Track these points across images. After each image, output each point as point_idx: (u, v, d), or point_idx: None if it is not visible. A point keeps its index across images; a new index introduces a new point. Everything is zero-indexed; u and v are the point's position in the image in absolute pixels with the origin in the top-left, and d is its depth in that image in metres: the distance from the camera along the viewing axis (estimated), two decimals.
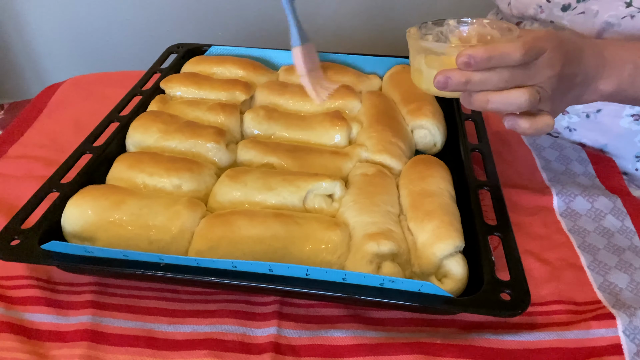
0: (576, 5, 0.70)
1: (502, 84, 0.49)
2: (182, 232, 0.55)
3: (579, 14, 0.70)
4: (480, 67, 0.48)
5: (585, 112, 0.77)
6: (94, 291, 0.57)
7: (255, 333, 0.53)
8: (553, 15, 0.74)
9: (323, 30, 1.78)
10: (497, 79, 0.48)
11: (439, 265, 0.53)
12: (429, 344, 0.51)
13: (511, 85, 0.49)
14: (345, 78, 0.81)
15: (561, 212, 0.66)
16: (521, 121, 0.52)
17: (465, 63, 0.48)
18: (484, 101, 0.50)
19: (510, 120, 0.53)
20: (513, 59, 0.47)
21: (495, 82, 0.49)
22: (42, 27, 1.87)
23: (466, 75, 0.49)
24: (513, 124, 0.53)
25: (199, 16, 1.81)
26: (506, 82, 0.49)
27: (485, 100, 0.50)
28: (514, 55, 0.47)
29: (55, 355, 0.51)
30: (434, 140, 0.72)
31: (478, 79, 0.48)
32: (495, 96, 0.49)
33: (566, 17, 0.72)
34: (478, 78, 0.48)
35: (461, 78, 0.49)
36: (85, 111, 0.87)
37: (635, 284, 0.56)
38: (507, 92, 0.49)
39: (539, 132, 0.52)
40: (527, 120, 0.52)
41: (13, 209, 0.59)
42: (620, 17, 0.66)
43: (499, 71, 0.48)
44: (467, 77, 0.49)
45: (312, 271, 0.48)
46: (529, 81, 0.49)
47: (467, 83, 0.49)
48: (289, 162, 0.66)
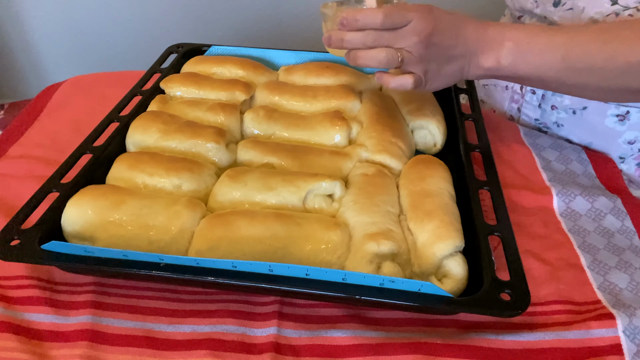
0: (565, 1, 0.72)
1: (369, 42, 0.59)
2: (182, 232, 0.55)
3: (567, 10, 0.71)
4: (352, 27, 0.58)
5: (572, 108, 0.77)
6: (94, 291, 0.57)
7: (255, 333, 0.53)
8: (546, 10, 0.75)
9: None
10: (364, 39, 0.58)
11: (439, 265, 0.53)
12: (429, 344, 0.51)
13: (379, 45, 0.59)
14: (345, 78, 0.81)
15: (561, 212, 0.66)
16: (385, 76, 0.62)
17: (340, 23, 0.59)
18: (355, 57, 0.60)
19: (378, 74, 0.63)
20: (375, 21, 0.57)
21: (363, 40, 0.59)
22: (42, 27, 1.87)
23: (342, 34, 0.60)
24: (379, 77, 0.63)
25: (199, 16, 1.81)
26: (373, 41, 0.58)
27: (355, 56, 0.60)
28: (376, 18, 0.57)
29: (55, 355, 0.51)
30: (434, 140, 0.72)
31: (350, 37, 0.59)
32: (363, 52, 0.59)
33: (557, 13, 0.73)
34: (350, 37, 0.59)
35: (339, 36, 0.60)
36: (85, 111, 0.87)
37: (635, 284, 0.56)
38: (371, 50, 0.59)
39: (399, 87, 0.61)
40: (390, 76, 0.62)
41: (13, 209, 0.59)
42: (605, 15, 0.67)
43: (367, 32, 0.58)
44: (343, 35, 0.60)
45: (312, 271, 0.48)
46: (395, 44, 0.58)
47: (343, 40, 0.60)
48: (289, 162, 0.66)
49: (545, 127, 0.82)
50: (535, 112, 0.82)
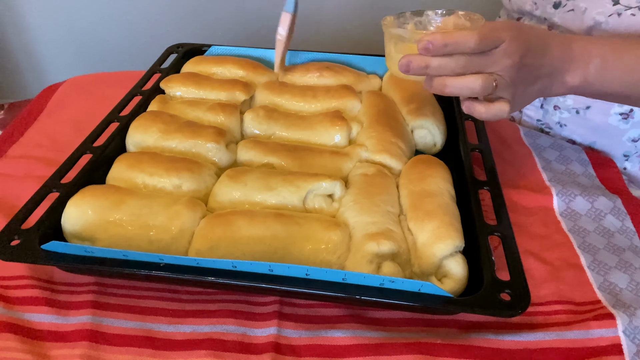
0: (566, 3, 0.71)
1: (459, 69, 0.52)
2: (182, 232, 0.55)
3: (568, 11, 0.71)
4: (438, 52, 0.51)
5: (575, 108, 0.77)
6: (94, 291, 0.57)
7: (255, 333, 0.53)
8: (546, 12, 0.75)
9: (323, 30, 1.78)
10: (454, 65, 0.52)
11: (439, 265, 0.53)
12: (429, 344, 0.51)
13: (468, 71, 0.52)
14: (345, 78, 0.81)
15: (561, 212, 0.66)
16: (477, 106, 0.55)
17: (424, 48, 0.51)
18: (441, 85, 0.54)
19: (467, 104, 0.56)
20: (468, 46, 0.51)
21: (452, 67, 0.52)
22: (42, 27, 1.87)
23: (425, 60, 0.52)
24: (469, 107, 0.56)
25: (199, 16, 1.81)
26: (463, 67, 0.52)
27: (442, 84, 0.53)
28: (469, 42, 0.50)
29: (55, 355, 0.51)
30: (434, 140, 0.72)
31: (437, 64, 0.52)
32: (452, 80, 0.53)
33: (557, 14, 0.73)
34: (436, 63, 0.52)
35: (421, 62, 0.53)
36: (85, 111, 0.87)
37: (635, 284, 0.56)
38: (463, 77, 0.52)
39: (494, 117, 0.55)
40: (482, 105, 0.55)
41: (13, 209, 0.59)
42: (607, 15, 0.67)
43: (456, 57, 0.51)
44: (427, 61, 0.52)
45: (312, 271, 0.48)
46: (486, 69, 0.52)
47: (427, 67, 0.53)
48: (289, 162, 0.66)
49: (548, 128, 0.82)
50: (537, 112, 0.82)
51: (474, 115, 0.56)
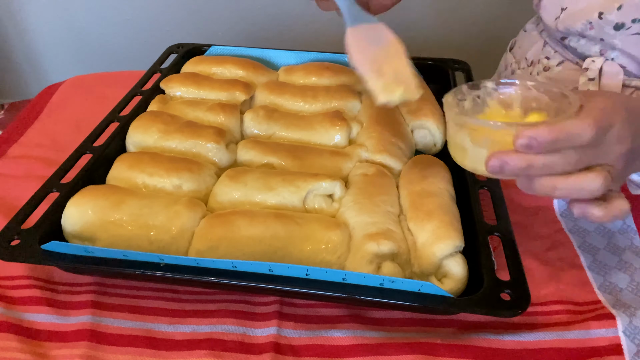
0: (631, 25, 0.66)
1: (568, 167, 0.43)
2: (182, 232, 0.55)
3: (633, 35, 0.66)
4: (544, 150, 0.42)
5: None
6: (94, 291, 0.57)
7: (255, 333, 0.53)
8: (603, 32, 0.69)
9: (323, 30, 1.78)
10: (563, 163, 0.43)
11: (438, 265, 0.53)
12: (429, 344, 0.51)
13: (580, 167, 0.43)
14: (345, 78, 0.81)
15: (561, 212, 0.66)
16: (594, 209, 0.45)
17: (526, 145, 0.42)
18: (549, 187, 0.44)
19: (579, 208, 0.46)
20: (583, 140, 0.42)
21: (561, 166, 0.43)
22: (42, 27, 1.87)
23: (527, 160, 0.43)
24: (584, 212, 0.46)
25: (199, 16, 1.81)
26: (575, 165, 0.43)
27: (551, 187, 0.44)
28: (584, 135, 0.41)
29: (55, 355, 0.51)
30: (434, 140, 0.72)
31: (541, 163, 0.43)
32: (563, 182, 0.43)
33: (618, 37, 0.68)
34: (541, 162, 0.43)
35: (521, 163, 0.43)
36: (85, 111, 0.87)
37: (635, 284, 0.56)
38: (577, 177, 0.43)
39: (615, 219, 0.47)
40: (599, 207, 0.45)
41: (13, 209, 0.59)
42: None
43: (565, 153, 0.42)
44: (529, 161, 0.43)
45: (312, 271, 0.48)
46: (597, 160, 0.44)
47: (529, 168, 0.43)
48: (289, 162, 0.66)
49: None
50: None
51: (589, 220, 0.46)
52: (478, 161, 0.46)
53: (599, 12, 0.69)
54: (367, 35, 0.58)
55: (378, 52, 0.57)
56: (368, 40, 0.58)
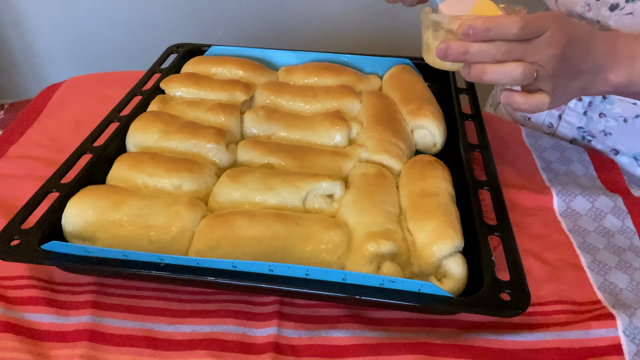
0: (624, 5, 0.68)
1: (499, 56, 0.50)
2: (182, 232, 0.55)
3: (626, 15, 0.67)
4: (479, 37, 0.49)
5: (623, 116, 0.74)
6: (94, 291, 0.57)
7: (255, 333, 0.53)
8: (600, 14, 0.71)
9: (323, 30, 1.78)
10: (494, 51, 0.50)
11: (438, 265, 0.53)
12: (429, 344, 0.51)
13: (509, 59, 0.50)
14: (345, 78, 0.81)
15: (561, 212, 0.66)
16: (516, 95, 0.53)
17: (464, 33, 0.50)
18: (480, 72, 0.52)
19: (505, 94, 0.54)
20: (510, 32, 0.49)
21: (492, 53, 0.50)
22: (42, 27, 1.87)
23: (465, 46, 0.50)
24: (508, 96, 0.54)
25: (199, 16, 1.81)
26: (503, 54, 0.50)
27: (481, 71, 0.51)
28: (512, 28, 0.49)
29: (55, 355, 0.51)
30: (434, 140, 0.72)
31: (476, 49, 0.50)
32: (492, 67, 0.51)
33: (613, 17, 0.69)
34: (476, 49, 0.50)
35: (460, 48, 0.51)
36: (85, 111, 0.87)
37: (635, 284, 0.56)
38: (503, 65, 0.50)
39: (533, 109, 0.54)
40: (522, 95, 0.53)
41: (13, 209, 0.59)
42: None
43: (497, 44, 0.50)
44: (466, 47, 0.50)
45: (312, 271, 0.48)
46: (528, 57, 0.50)
47: (466, 53, 0.51)
48: (289, 162, 0.66)
49: (590, 136, 0.79)
50: (580, 120, 0.79)
51: (512, 106, 0.54)
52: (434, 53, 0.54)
53: None
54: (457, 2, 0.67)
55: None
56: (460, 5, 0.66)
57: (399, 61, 0.85)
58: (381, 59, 0.86)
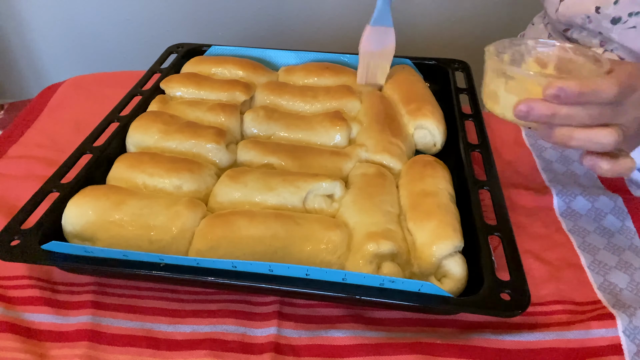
0: (627, 19, 0.67)
1: (588, 120, 0.47)
2: (182, 232, 0.55)
3: (629, 28, 0.67)
4: (570, 101, 0.46)
5: None
6: (94, 291, 0.57)
7: (255, 333, 0.53)
8: (601, 26, 0.70)
9: (323, 30, 1.78)
10: (584, 115, 0.46)
11: (438, 265, 0.53)
12: (429, 344, 0.51)
13: (597, 122, 0.47)
14: (345, 78, 0.81)
15: (561, 212, 0.66)
16: (602, 162, 0.50)
17: (554, 95, 0.46)
18: (567, 137, 0.48)
19: (590, 160, 0.50)
20: (606, 97, 0.46)
21: (582, 118, 0.47)
22: (42, 27, 1.87)
23: (552, 109, 0.47)
24: (593, 164, 0.50)
25: (199, 16, 1.81)
26: (594, 119, 0.47)
27: (568, 137, 0.48)
28: (608, 92, 0.45)
29: (55, 355, 0.51)
30: (434, 140, 0.72)
31: (565, 113, 0.47)
32: (580, 133, 0.47)
33: (615, 30, 0.69)
34: (565, 112, 0.47)
35: (546, 111, 0.47)
36: (85, 111, 0.87)
37: (635, 284, 0.56)
38: (593, 130, 0.47)
39: (620, 175, 0.51)
40: (608, 161, 0.49)
41: (13, 209, 0.59)
42: None
43: (588, 107, 0.46)
44: (554, 110, 0.47)
45: (312, 271, 0.48)
46: (614, 120, 0.47)
47: (552, 116, 0.47)
48: (289, 162, 0.66)
49: None
50: None
51: (597, 172, 0.51)
52: (508, 107, 0.51)
53: (596, 6, 0.70)
54: (378, 34, 0.75)
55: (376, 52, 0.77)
56: (376, 38, 0.75)
57: (399, 61, 0.85)
58: None
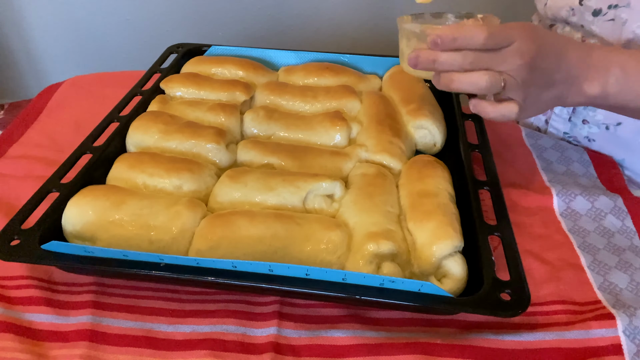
0: (607, 11, 0.68)
1: (467, 65, 0.51)
2: (182, 232, 0.55)
3: (608, 21, 0.68)
4: (447, 47, 0.51)
5: (605, 123, 0.75)
6: (94, 291, 0.57)
7: (255, 333, 0.53)
8: (584, 19, 0.72)
9: (323, 30, 1.78)
10: (461, 60, 0.51)
11: (438, 265, 0.53)
12: (429, 344, 0.51)
13: (477, 68, 0.52)
14: (345, 78, 0.81)
15: (561, 212, 0.66)
16: (485, 104, 0.55)
17: (433, 42, 0.51)
18: (448, 80, 0.53)
19: (474, 102, 0.56)
20: (476, 41, 0.50)
21: (459, 62, 0.51)
22: (42, 27, 1.87)
23: (434, 55, 0.52)
24: (476, 105, 0.55)
25: (199, 16, 1.81)
26: (471, 63, 0.51)
27: (449, 80, 0.53)
28: (478, 37, 0.50)
29: (55, 355, 0.51)
30: (434, 140, 0.72)
31: (444, 58, 0.52)
32: (459, 76, 0.52)
33: (596, 23, 0.70)
34: (444, 58, 0.52)
35: (429, 57, 0.52)
36: (85, 111, 0.87)
37: (635, 284, 0.56)
38: (470, 73, 0.52)
39: (501, 118, 0.54)
40: (490, 104, 0.54)
41: (13, 209, 0.59)
42: None
43: (465, 53, 0.51)
44: (435, 56, 0.52)
45: (312, 271, 0.48)
46: (496, 67, 0.51)
47: (435, 62, 0.52)
48: (289, 162, 0.66)
49: (575, 141, 0.80)
50: (565, 125, 0.80)
51: (481, 114, 0.55)
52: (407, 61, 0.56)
53: None
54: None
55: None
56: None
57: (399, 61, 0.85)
58: (381, 59, 0.86)
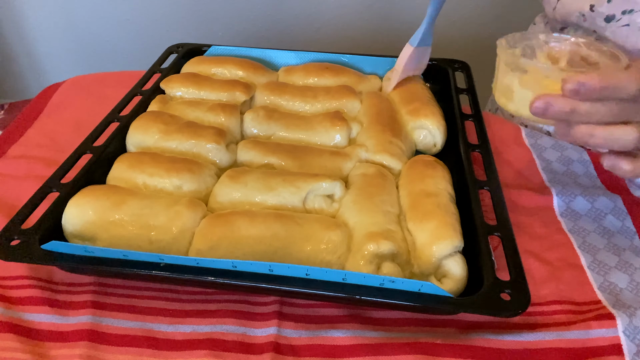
0: (621, 17, 0.67)
1: (609, 117, 0.45)
2: (182, 232, 0.55)
3: (623, 26, 0.67)
4: (590, 97, 0.44)
5: None
6: (94, 291, 0.57)
7: (255, 333, 0.53)
8: (596, 25, 0.70)
9: (323, 30, 1.78)
10: (604, 112, 0.44)
11: (438, 265, 0.53)
12: (429, 344, 0.51)
13: (618, 120, 0.45)
14: (345, 78, 0.81)
15: (561, 212, 0.66)
16: (623, 162, 0.48)
17: (573, 90, 0.44)
18: (587, 134, 0.46)
19: (610, 159, 0.48)
20: (628, 92, 0.44)
21: (602, 115, 0.45)
22: (42, 27, 1.87)
23: (572, 104, 0.45)
24: (613, 164, 0.48)
25: (199, 16, 1.81)
26: (614, 116, 0.45)
27: (588, 134, 0.46)
28: (630, 88, 0.43)
29: (55, 355, 0.51)
30: (434, 141, 0.72)
31: (585, 109, 0.44)
32: (601, 131, 0.45)
33: (609, 29, 0.69)
34: (585, 109, 0.44)
35: (565, 107, 0.45)
36: (85, 111, 0.87)
37: (635, 284, 0.56)
38: (614, 128, 0.45)
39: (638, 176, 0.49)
40: (629, 162, 0.48)
41: (13, 209, 0.59)
42: None
43: (608, 103, 0.44)
44: (573, 106, 0.45)
45: (312, 271, 0.48)
46: (635, 117, 0.45)
47: (572, 113, 0.45)
48: (289, 162, 0.66)
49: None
50: None
51: (617, 173, 0.49)
52: (522, 104, 0.48)
53: (590, 4, 0.70)
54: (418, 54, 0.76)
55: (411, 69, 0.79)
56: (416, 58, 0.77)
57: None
58: (381, 59, 0.86)
